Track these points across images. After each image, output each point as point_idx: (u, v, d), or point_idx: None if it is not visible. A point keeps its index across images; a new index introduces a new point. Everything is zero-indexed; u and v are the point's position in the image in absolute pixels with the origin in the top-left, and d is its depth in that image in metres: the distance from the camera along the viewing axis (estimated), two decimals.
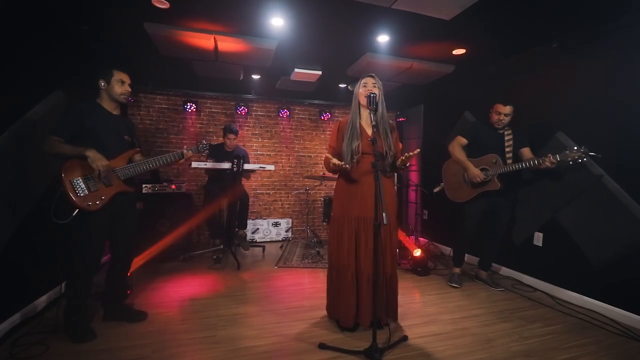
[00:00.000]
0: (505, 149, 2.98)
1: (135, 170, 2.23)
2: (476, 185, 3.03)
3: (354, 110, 2.25)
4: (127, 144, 2.29)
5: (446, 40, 3.01)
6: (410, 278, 3.42)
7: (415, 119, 5.23)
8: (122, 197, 2.21)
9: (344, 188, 2.26)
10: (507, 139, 3.01)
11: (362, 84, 2.21)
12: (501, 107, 2.96)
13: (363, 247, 2.14)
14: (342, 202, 2.25)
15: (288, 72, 3.87)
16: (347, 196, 2.23)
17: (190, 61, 3.43)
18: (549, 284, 3.04)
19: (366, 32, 2.86)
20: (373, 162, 1.88)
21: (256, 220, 4.99)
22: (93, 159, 2.02)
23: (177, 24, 2.74)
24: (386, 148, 2.18)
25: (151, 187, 3.84)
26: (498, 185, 2.93)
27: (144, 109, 4.64)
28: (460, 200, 3.16)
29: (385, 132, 2.20)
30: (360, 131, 2.20)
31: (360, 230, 2.17)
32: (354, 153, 2.15)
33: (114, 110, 2.25)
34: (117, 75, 2.19)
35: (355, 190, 2.20)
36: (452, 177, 3.25)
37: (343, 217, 2.21)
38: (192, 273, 3.51)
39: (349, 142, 2.17)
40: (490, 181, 2.98)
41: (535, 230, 3.20)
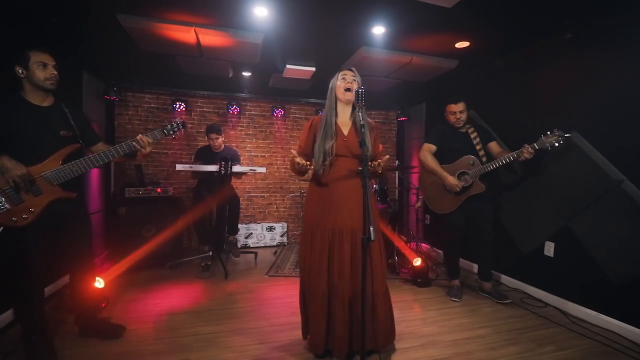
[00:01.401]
0: (476, 147, 2.85)
1: (73, 171, 1.90)
2: (460, 192, 2.82)
3: (330, 106, 2.00)
4: (65, 140, 1.95)
5: (448, 31, 2.75)
6: (409, 290, 3.17)
7: (417, 118, 4.97)
8: (61, 205, 1.91)
9: (316, 194, 2.01)
10: (472, 136, 2.88)
11: (341, 76, 1.97)
12: (453, 107, 2.89)
13: (337, 263, 1.89)
14: (314, 210, 1.99)
15: (279, 68, 3.64)
16: (319, 204, 1.97)
17: (174, 57, 3.22)
18: (561, 298, 2.77)
19: (359, 23, 2.61)
20: (360, 169, 1.64)
21: (250, 225, 4.77)
22: (4, 169, 1.72)
23: (153, 15, 2.52)
24: (364, 149, 1.92)
25: (135, 191, 3.63)
26: (483, 187, 2.78)
27: (132, 108, 4.44)
28: (448, 211, 2.94)
29: (362, 132, 1.95)
30: (336, 130, 1.96)
31: (335, 243, 1.91)
32: (327, 154, 1.90)
33: (43, 101, 1.92)
34: (36, 57, 1.84)
35: (329, 197, 1.94)
36: (432, 187, 3.03)
37: (315, 227, 1.95)
38: (177, 282, 3.30)
39: (321, 141, 1.92)
40: (473, 184, 2.79)
41: (545, 239, 2.93)
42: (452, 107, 2.89)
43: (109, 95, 3.83)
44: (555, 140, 2.51)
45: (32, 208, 1.82)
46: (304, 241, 2.02)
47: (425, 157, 2.96)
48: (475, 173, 2.76)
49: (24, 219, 1.80)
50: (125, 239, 3.58)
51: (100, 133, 4.02)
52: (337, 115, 2.01)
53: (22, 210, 1.79)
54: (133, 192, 3.60)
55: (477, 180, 2.77)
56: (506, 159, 2.64)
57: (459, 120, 2.88)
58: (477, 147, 2.85)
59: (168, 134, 2.26)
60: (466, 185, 2.79)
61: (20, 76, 1.85)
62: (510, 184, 3.26)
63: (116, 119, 4.37)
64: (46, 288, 2.74)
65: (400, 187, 4.76)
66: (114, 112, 4.34)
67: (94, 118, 3.85)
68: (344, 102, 1.99)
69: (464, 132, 2.93)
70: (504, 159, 2.65)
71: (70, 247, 2.08)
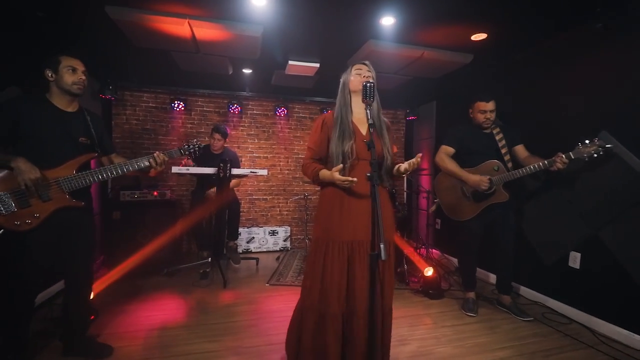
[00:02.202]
0: (501, 151, 2.56)
1: (86, 181, 1.84)
2: (480, 199, 2.58)
3: (343, 103, 1.78)
4: (83, 147, 1.89)
5: (464, 22, 2.51)
6: (420, 302, 2.94)
7: (427, 117, 4.72)
8: (67, 214, 1.82)
9: (331, 203, 1.76)
10: (498, 138, 2.58)
11: (355, 70, 1.76)
12: (484, 105, 2.59)
13: (359, 281, 1.68)
14: (329, 221, 1.74)
15: (282, 65, 3.43)
16: (335, 214, 1.74)
17: (169, 53, 3.03)
18: (588, 314, 2.52)
19: (367, 14, 2.39)
20: (369, 174, 1.43)
21: (251, 229, 4.57)
22: (19, 171, 1.66)
23: (143, 7, 2.34)
24: (385, 152, 1.72)
25: (130, 194, 3.46)
26: (506, 196, 2.52)
27: (129, 107, 4.28)
28: (464, 219, 2.69)
29: (380, 132, 1.76)
30: (353, 129, 1.74)
31: (355, 259, 1.69)
32: (346, 157, 1.68)
33: (68, 106, 1.88)
34: (66, 62, 1.82)
35: (347, 206, 1.72)
36: (448, 192, 2.78)
37: (330, 242, 1.70)
38: (172, 291, 3.12)
39: (339, 142, 1.70)
40: (496, 192, 2.53)
41: (571, 249, 2.68)
42: (482, 104, 2.59)
43: (104, 94, 3.67)
44: (595, 150, 2.22)
45: (37, 213, 1.74)
46: (314, 255, 1.76)
47: (443, 159, 2.72)
48: (499, 180, 2.50)
49: (27, 224, 1.72)
50: (120, 244, 3.42)
51: None
52: (353, 112, 1.79)
53: (26, 215, 1.72)
54: (128, 195, 3.44)
55: (501, 187, 2.51)
56: (535, 167, 2.36)
57: (488, 120, 2.59)
58: (503, 150, 2.56)
59: (184, 154, 2.24)
60: (488, 192, 2.54)
61: (49, 79, 1.83)
62: (531, 189, 3.00)
63: (113, 118, 4.22)
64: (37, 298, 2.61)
65: (409, 191, 4.52)
66: (111, 112, 4.19)
67: None
68: (360, 95, 1.75)
69: (488, 133, 2.65)
70: (533, 168, 2.37)
71: (70, 257, 1.95)
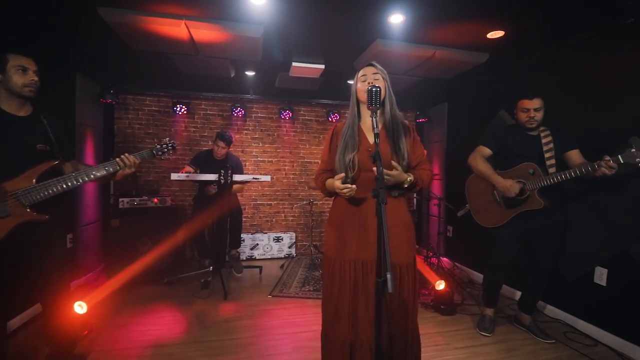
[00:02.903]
0: (545, 155, 2.28)
1: (48, 192, 1.65)
2: (512, 204, 2.35)
3: (352, 112, 1.66)
4: (42, 155, 1.70)
5: (479, 19, 2.33)
6: (431, 318, 2.76)
7: (439, 119, 4.52)
8: (29, 229, 1.64)
9: (337, 218, 1.65)
10: (544, 141, 2.32)
11: (361, 77, 1.62)
12: (527, 102, 2.32)
13: (363, 305, 1.52)
14: (336, 237, 1.63)
15: (285, 66, 3.29)
16: (340, 230, 1.61)
17: (168, 55, 2.92)
18: (615, 336, 2.30)
19: (374, 11, 2.23)
20: (374, 191, 1.27)
21: (255, 235, 4.44)
22: None
23: (137, 7, 2.22)
24: (399, 158, 1.56)
25: (129, 202, 3.37)
26: (541, 203, 2.24)
27: (132, 111, 4.20)
28: (494, 225, 2.47)
29: (394, 138, 1.59)
30: (360, 139, 1.61)
31: (359, 278, 1.55)
32: (348, 168, 1.55)
33: (19, 110, 1.70)
34: (15, 61, 1.64)
35: (351, 221, 1.59)
36: (479, 196, 2.56)
37: (335, 260, 1.59)
38: (171, 302, 3.00)
39: (341, 153, 1.58)
40: (529, 198, 2.29)
41: (597, 264, 2.46)
42: (525, 102, 2.34)
43: (104, 98, 3.59)
44: None
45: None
46: (325, 277, 1.66)
47: (476, 160, 2.50)
48: (533, 184, 2.26)
49: None
50: (119, 253, 3.33)
51: (98, 138, 3.80)
52: (362, 119, 1.67)
53: None
54: (127, 202, 3.34)
55: (536, 193, 2.26)
56: (576, 172, 2.10)
57: (531, 120, 2.31)
58: (547, 154, 2.28)
59: (157, 155, 2.07)
60: (522, 196, 2.32)
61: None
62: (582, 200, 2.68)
63: (116, 123, 4.15)
64: (24, 313, 2.53)
65: (419, 197, 4.33)
66: (114, 116, 4.11)
67: (91, 123, 3.62)
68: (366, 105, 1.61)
69: (535, 135, 2.37)
70: (573, 172, 2.11)
71: (39, 277, 1.78)
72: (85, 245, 3.46)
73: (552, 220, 2.35)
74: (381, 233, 1.21)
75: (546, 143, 2.31)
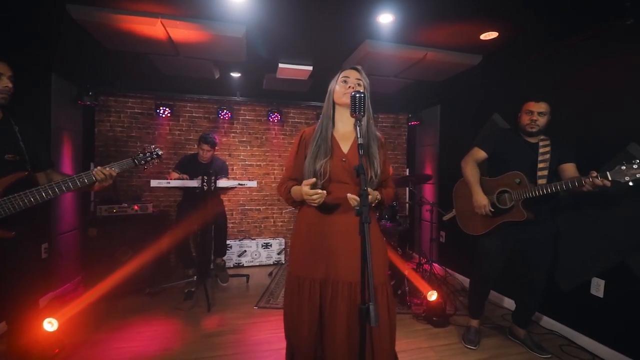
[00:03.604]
0: (538, 164, 2.18)
1: (15, 205, 1.57)
2: (495, 213, 2.25)
3: (326, 114, 1.53)
4: (10, 165, 1.61)
5: (472, 20, 2.22)
6: (423, 331, 2.65)
7: (431, 122, 4.42)
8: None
9: (304, 232, 1.52)
10: (542, 150, 2.21)
11: (342, 78, 1.49)
12: (533, 105, 2.20)
13: (329, 329, 1.40)
14: (301, 254, 1.51)
15: (272, 68, 3.16)
16: (308, 245, 1.49)
17: (147, 56, 2.77)
18: (615, 351, 2.21)
19: (362, 11, 2.11)
20: (358, 208, 1.14)
21: (243, 241, 4.30)
22: None
23: (108, 5, 2.07)
24: (372, 174, 1.45)
25: (108, 209, 3.20)
26: (523, 215, 2.14)
27: (114, 114, 4.03)
28: (476, 233, 2.38)
29: (369, 151, 1.48)
30: (332, 145, 1.48)
31: (326, 301, 1.43)
32: (318, 177, 1.42)
33: None
34: None
35: (320, 236, 1.46)
36: (465, 201, 2.45)
37: (302, 277, 1.47)
38: (151, 315, 2.85)
39: (311, 159, 1.46)
40: (513, 208, 2.19)
41: (593, 275, 2.38)
42: (530, 104, 2.22)
43: (82, 100, 3.41)
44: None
45: None
46: (288, 293, 1.53)
47: (466, 163, 2.39)
48: (518, 195, 2.15)
49: None
50: (99, 263, 3.16)
51: (77, 142, 3.63)
52: (335, 126, 1.54)
53: None
54: (105, 210, 3.18)
55: (520, 204, 2.15)
56: (562, 186, 1.98)
57: (533, 123, 2.19)
58: (541, 164, 2.17)
59: (139, 165, 1.98)
60: (504, 207, 2.22)
61: None
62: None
63: (97, 125, 3.97)
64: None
65: (411, 202, 4.22)
66: (94, 119, 3.94)
67: (69, 126, 3.45)
68: (345, 107, 1.48)
69: (533, 143, 2.25)
70: (560, 186, 1.99)
71: (5, 294, 1.67)
72: (62, 255, 3.29)
73: (542, 231, 2.25)
74: (366, 256, 1.10)
75: (543, 153, 2.20)
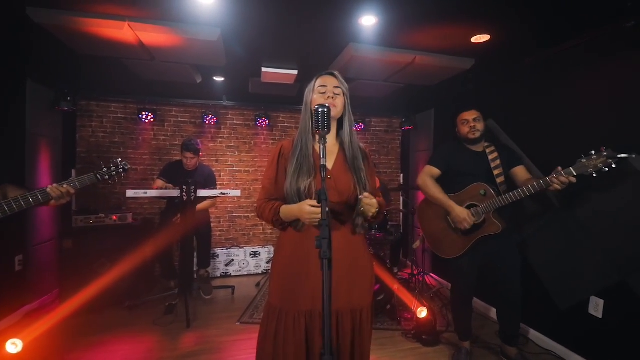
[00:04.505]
0: (494, 172, 2.16)
1: None
2: (469, 230, 2.13)
3: (304, 129, 1.38)
4: None
5: (461, 22, 2.09)
6: (412, 351, 2.51)
7: (425, 127, 4.27)
8: None
9: (287, 257, 1.37)
10: (491, 157, 2.19)
11: (318, 86, 1.35)
12: (466, 114, 2.27)
13: None
14: (283, 282, 1.35)
15: (256, 72, 3.03)
16: (291, 272, 1.33)
17: (121, 61, 2.64)
18: None
19: (344, 13, 1.98)
20: (318, 241, 1.00)
21: (231, 250, 4.17)
22: None
23: (70, 8, 1.94)
24: (360, 190, 1.30)
25: (84, 220, 3.07)
26: (499, 226, 2.07)
27: (96, 119, 3.90)
28: (452, 256, 2.25)
29: (355, 165, 1.34)
30: (314, 162, 1.32)
31: (315, 335, 1.28)
32: (303, 198, 1.27)
33: None
34: None
35: (305, 262, 1.31)
36: (432, 223, 2.34)
37: (284, 310, 1.31)
38: (128, 332, 2.72)
39: (293, 179, 1.30)
40: (486, 221, 2.10)
41: (591, 294, 2.23)
42: (463, 115, 2.28)
43: (59, 105, 3.28)
44: (603, 163, 1.76)
45: None
46: (264, 329, 1.35)
47: (425, 181, 2.28)
48: (487, 207, 2.08)
49: None
50: (76, 276, 3.03)
51: (56, 149, 3.50)
52: (317, 140, 1.38)
53: None
54: (82, 220, 3.04)
55: (492, 216, 2.09)
56: (530, 189, 1.94)
57: (473, 130, 2.22)
58: (496, 171, 2.17)
59: (102, 180, 1.88)
60: (477, 221, 2.11)
61: None
62: (540, 217, 2.55)
63: (78, 131, 3.85)
64: None
65: (405, 210, 4.07)
66: (76, 124, 3.82)
67: (46, 132, 3.32)
68: None
69: (480, 152, 2.26)
70: (527, 190, 1.95)
71: None
72: (38, 267, 3.16)
73: (506, 243, 2.19)
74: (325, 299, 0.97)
75: (493, 159, 2.18)
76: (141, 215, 3.98)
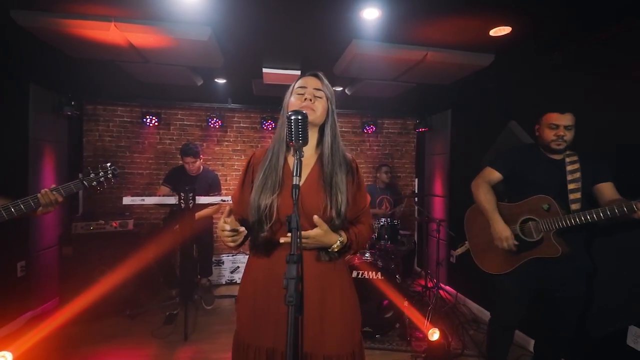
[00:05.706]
0: (568, 186, 1.75)
1: None
2: (521, 248, 1.82)
3: (277, 137, 1.20)
4: None
5: (477, 13, 1.84)
6: None
7: (441, 128, 3.99)
8: None
9: (251, 285, 1.18)
10: (570, 169, 1.77)
11: (297, 88, 1.17)
12: (556, 117, 1.77)
13: None
14: (244, 311, 1.18)
15: (257, 73, 2.87)
16: (255, 303, 1.15)
17: (115, 63, 2.55)
18: None
19: (342, 5, 1.78)
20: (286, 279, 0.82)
21: (237, 257, 4.04)
22: None
23: (53, 9, 1.84)
24: (332, 213, 1.09)
25: (84, 226, 3.01)
26: (558, 250, 1.71)
27: (102, 123, 3.88)
28: (498, 272, 1.94)
29: (331, 181, 1.12)
30: (283, 176, 1.14)
31: None
32: (264, 218, 1.09)
33: None
34: None
35: (267, 292, 1.12)
36: (481, 232, 2.03)
37: (251, 346, 1.13)
38: (124, 344, 2.63)
39: (256, 193, 1.11)
40: (542, 241, 1.76)
41: (630, 323, 1.92)
42: (553, 116, 1.79)
43: (62, 110, 3.25)
44: None
45: None
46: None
47: (478, 187, 1.97)
48: (547, 224, 1.73)
49: None
50: (76, 283, 2.98)
51: (61, 154, 3.48)
52: (291, 150, 1.18)
53: None
54: (82, 227, 2.99)
55: (552, 236, 1.73)
56: (606, 213, 1.57)
57: (559, 140, 1.76)
58: (571, 185, 1.76)
59: (89, 186, 1.80)
60: (530, 240, 1.80)
61: None
62: None
63: (85, 135, 3.83)
64: None
65: (419, 218, 3.81)
66: (82, 128, 3.80)
67: (50, 137, 3.30)
68: None
69: (558, 161, 1.84)
70: (603, 213, 1.59)
71: None
72: (41, 273, 3.14)
73: (574, 269, 1.80)
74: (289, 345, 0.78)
75: (571, 171, 1.77)
76: (147, 221, 3.93)
